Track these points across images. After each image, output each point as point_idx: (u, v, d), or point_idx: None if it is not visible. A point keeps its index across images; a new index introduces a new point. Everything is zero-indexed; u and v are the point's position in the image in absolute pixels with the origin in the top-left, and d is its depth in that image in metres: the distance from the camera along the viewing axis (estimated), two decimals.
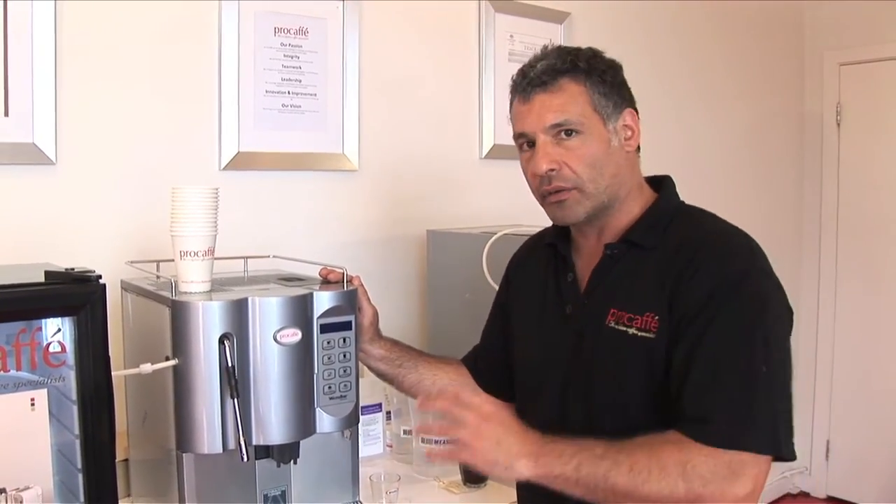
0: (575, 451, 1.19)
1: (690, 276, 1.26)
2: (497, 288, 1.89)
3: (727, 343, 1.22)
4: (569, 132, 1.33)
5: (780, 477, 3.83)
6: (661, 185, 1.44)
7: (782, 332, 1.27)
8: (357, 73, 2.25)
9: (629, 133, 1.37)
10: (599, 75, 1.34)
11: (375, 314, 1.59)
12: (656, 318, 1.27)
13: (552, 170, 1.32)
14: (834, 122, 3.83)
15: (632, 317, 1.30)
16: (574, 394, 1.37)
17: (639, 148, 1.40)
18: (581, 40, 2.74)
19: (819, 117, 3.88)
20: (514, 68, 2.55)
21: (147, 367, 1.35)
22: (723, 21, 3.36)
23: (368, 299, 1.58)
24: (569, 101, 1.33)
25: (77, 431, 1.23)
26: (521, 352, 1.53)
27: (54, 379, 1.22)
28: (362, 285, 1.56)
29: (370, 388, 1.95)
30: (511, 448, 1.19)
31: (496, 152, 2.55)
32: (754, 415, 1.19)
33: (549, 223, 1.49)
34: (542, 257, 1.52)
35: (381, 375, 1.66)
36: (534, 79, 1.35)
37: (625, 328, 1.30)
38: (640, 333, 1.28)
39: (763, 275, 1.28)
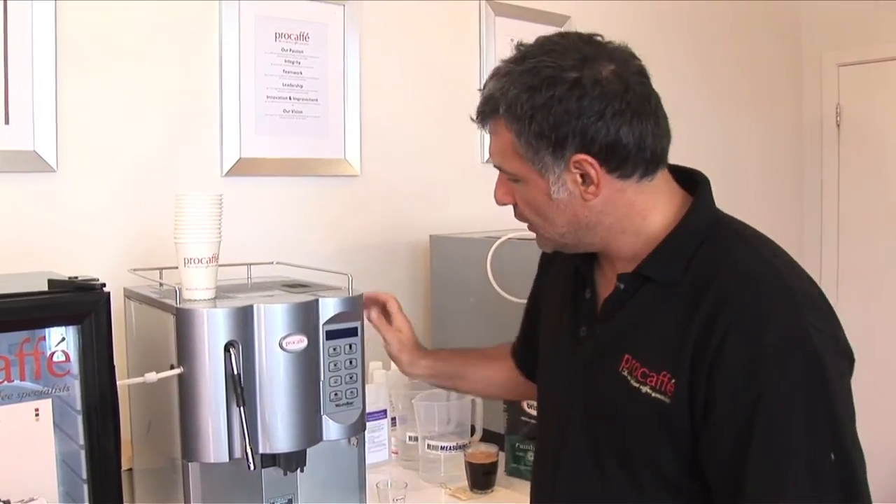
0: None
1: (719, 343, 1.03)
2: (500, 292, 1.89)
3: (782, 439, 1.00)
4: (511, 178, 1.17)
5: None
6: (695, 189, 1.19)
7: (849, 405, 1.05)
8: (358, 78, 2.25)
9: (587, 182, 1.11)
10: (528, 119, 1.08)
11: (410, 334, 1.62)
12: (673, 380, 1.07)
13: (508, 203, 1.21)
14: (834, 124, 3.80)
15: (647, 372, 1.10)
16: (576, 428, 1.23)
17: (652, 170, 1.13)
18: None
19: (819, 118, 3.85)
20: None
21: (152, 376, 1.34)
22: (721, 23, 3.35)
23: (404, 316, 1.62)
24: (498, 148, 1.16)
25: (82, 441, 1.21)
26: (541, 354, 1.41)
27: (58, 389, 1.21)
28: (396, 301, 1.61)
29: (374, 395, 1.93)
30: None
31: None
32: None
33: None
34: (568, 259, 1.31)
35: (439, 387, 1.76)
36: (477, 110, 1.18)
37: (638, 384, 1.11)
38: (653, 394, 1.09)
39: (812, 333, 1.02)
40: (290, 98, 2.13)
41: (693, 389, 1.05)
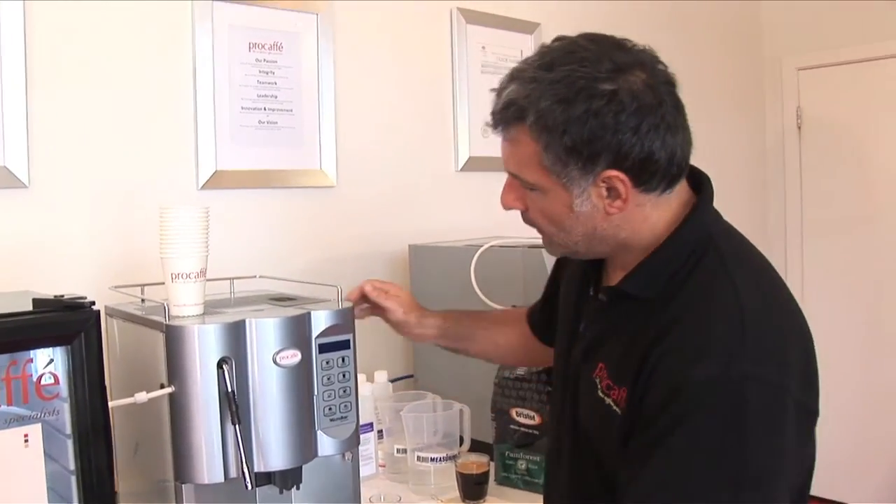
0: None
1: (654, 366, 1.02)
2: (485, 300, 1.87)
3: (675, 474, 0.98)
4: (527, 186, 1.13)
5: None
6: (697, 196, 1.16)
7: (773, 461, 0.97)
8: (332, 88, 2.22)
9: (613, 197, 1.07)
10: (561, 132, 1.03)
11: (409, 297, 1.60)
12: (626, 394, 1.07)
13: (517, 209, 1.18)
14: (795, 127, 3.86)
15: (611, 385, 1.10)
16: (567, 426, 1.25)
17: (674, 182, 1.10)
18: None
19: (780, 122, 3.90)
20: (487, 80, 2.63)
21: (143, 396, 1.30)
22: (682, 30, 3.38)
23: (393, 283, 1.59)
24: (519, 157, 1.09)
25: (72, 466, 1.17)
26: (558, 327, 1.36)
27: (47, 413, 1.16)
28: (375, 290, 1.56)
29: (360, 408, 1.90)
30: None
31: (473, 164, 2.54)
32: None
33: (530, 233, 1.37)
34: None
35: (447, 349, 1.67)
36: (495, 114, 1.11)
37: (603, 395, 1.11)
38: (613, 406, 1.09)
39: (745, 382, 0.96)
40: (264, 109, 2.10)
41: (633, 403, 1.05)
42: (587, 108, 1.01)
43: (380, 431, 2.00)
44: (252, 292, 1.66)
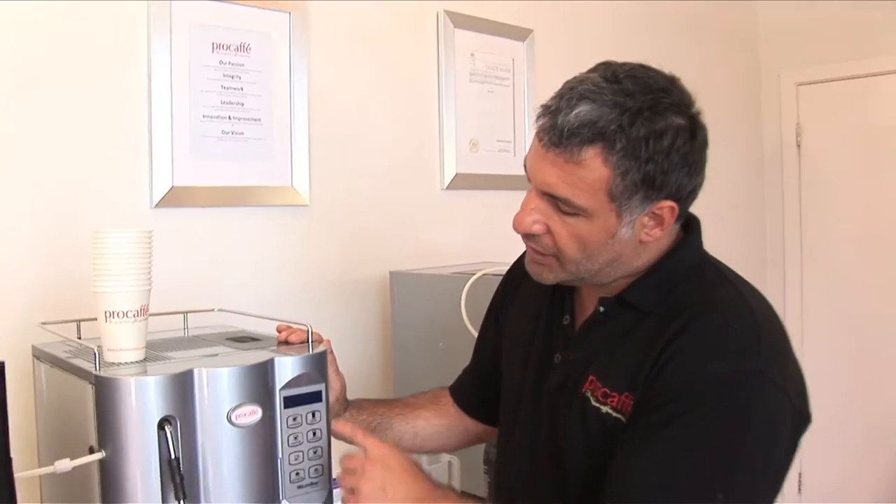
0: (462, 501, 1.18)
1: (667, 360, 1.04)
2: (475, 333, 1.68)
3: (675, 459, 1.01)
4: (569, 211, 1.08)
5: None
6: (686, 229, 1.18)
7: (769, 460, 1.03)
8: (306, 95, 2.00)
9: (653, 225, 1.09)
10: (645, 161, 1.02)
11: (343, 387, 1.37)
12: (632, 400, 1.07)
13: (535, 233, 1.12)
14: (794, 143, 3.73)
15: (608, 392, 1.10)
16: (545, 454, 1.19)
17: (685, 215, 1.15)
18: (544, 58, 2.55)
19: (778, 139, 3.78)
20: (476, 89, 2.41)
21: (64, 465, 1.06)
22: (679, 43, 3.20)
23: (337, 369, 1.35)
24: (582, 182, 1.04)
25: None
26: (505, 378, 1.34)
27: None
28: (332, 352, 1.30)
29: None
30: (396, 494, 1.11)
31: (460, 182, 2.32)
32: None
33: None
34: (543, 286, 1.25)
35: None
36: (557, 131, 1.04)
37: (598, 405, 1.10)
38: (613, 414, 1.08)
39: (757, 381, 1.02)
40: (229, 118, 1.87)
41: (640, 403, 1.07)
42: (672, 142, 1.03)
43: None
44: (208, 329, 1.43)
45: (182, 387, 1.07)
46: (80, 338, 1.32)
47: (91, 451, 1.07)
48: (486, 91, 2.42)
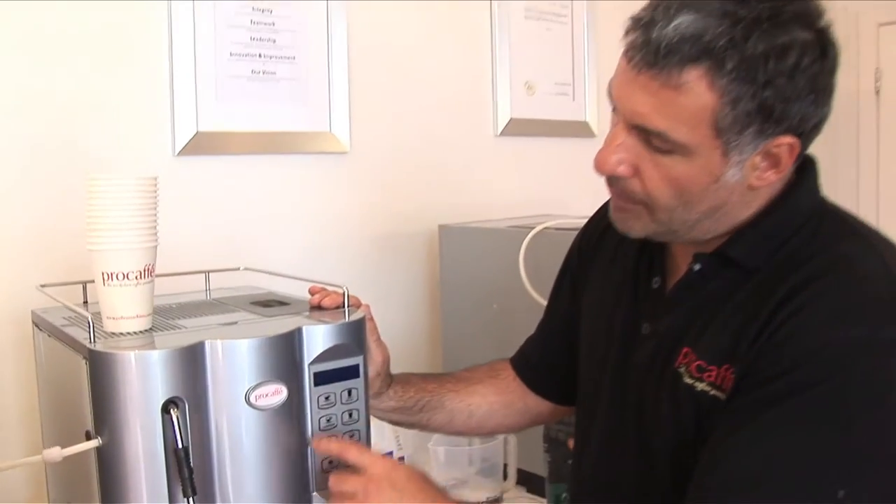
0: None
1: (780, 324, 0.88)
2: (535, 296, 1.53)
3: (786, 443, 0.85)
4: (664, 148, 0.91)
5: None
6: (800, 171, 1.00)
7: None
8: (345, 31, 1.84)
9: (766, 166, 0.93)
10: (762, 85, 0.85)
11: (386, 360, 1.18)
12: (733, 374, 0.92)
13: (620, 175, 0.96)
14: (872, 91, 3.51)
15: (703, 366, 0.95)
16: (627, 441, 1.05)
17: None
18: None
19: (854, 85, 3.54)
20: (533, 27, 2.22)
21: (54, 453, 0.90)
22: None
23: (378, 338, 1.16)
24: (677, 108, 0.88)
25: None
26: (584, 356, 1.18)
27: None
28: (372, 318, 1.12)
29: (377, 433, 1.52)
30: None
31: (514, 127, 2.17)
32: None
33: (590, 211, 1.23)
34: (626, 245, 1.12)
35: (399, 425, 1.32)
36: (652, 48, 0.87)
37: (692, 381, 0.95)
38: (711, 391, 0.93)
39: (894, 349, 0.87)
40: (259, 55, 1.71)
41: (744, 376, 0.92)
42: (797, 62, 0.86)
43: (402, 458, 1.66)
44: (232, 292, 1.28)
45: (192, 362, 0.90)
46: (86, 302, 1.17)
47: (87, 437, 0.91)
48: (544, 29, 2.27)
